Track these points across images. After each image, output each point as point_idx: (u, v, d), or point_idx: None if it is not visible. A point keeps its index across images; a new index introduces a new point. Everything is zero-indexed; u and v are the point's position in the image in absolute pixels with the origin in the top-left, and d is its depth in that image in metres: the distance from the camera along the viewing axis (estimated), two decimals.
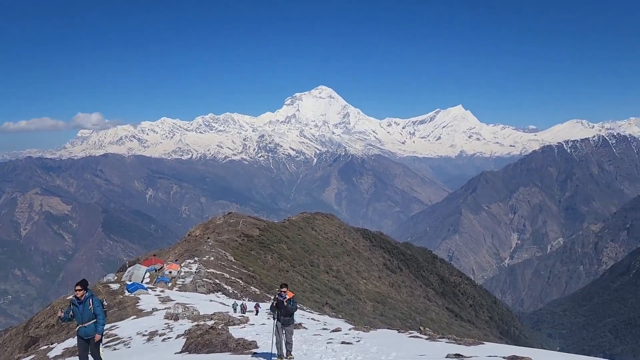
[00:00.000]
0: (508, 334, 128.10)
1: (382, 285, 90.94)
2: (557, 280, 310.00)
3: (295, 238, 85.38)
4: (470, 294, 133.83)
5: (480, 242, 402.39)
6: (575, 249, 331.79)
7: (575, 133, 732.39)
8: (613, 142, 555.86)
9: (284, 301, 12.67)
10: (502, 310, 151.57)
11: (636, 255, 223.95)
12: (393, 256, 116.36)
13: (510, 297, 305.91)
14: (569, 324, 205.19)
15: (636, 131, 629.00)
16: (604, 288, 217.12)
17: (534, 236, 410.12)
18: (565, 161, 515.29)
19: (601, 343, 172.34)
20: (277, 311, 12.72)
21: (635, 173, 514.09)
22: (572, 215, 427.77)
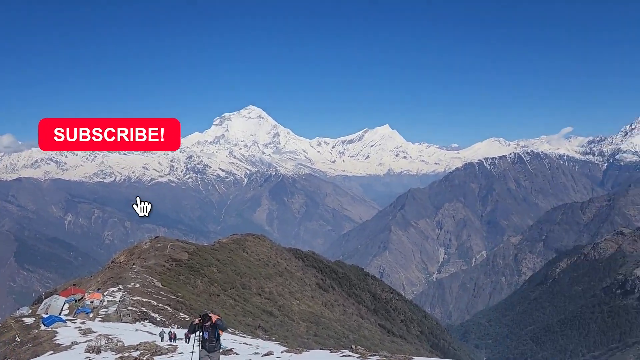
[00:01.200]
0: (438, 347, 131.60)
1: (315, 305, 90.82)
2: (481, 292, 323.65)
3: (226, 261, 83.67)
4: (401, 310, 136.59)
5: (410, 257, 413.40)
6: (497, 261, 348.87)
7: (494, 151, 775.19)
8: (527, 159, 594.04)
9: (208, 324, 12.08)
10: (432, 323, 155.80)
11: (551, 265, 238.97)
12: (325, 275, 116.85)
13: (439, 310, 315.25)
14: (494, 334, 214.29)
15: (547, 148, 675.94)
16: (524, 297, 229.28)
17: (460, 250, 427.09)
18: (486, 177, 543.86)
19: (524, 351, 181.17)
20: (201, 337, 12.15)
21: (548, 188, 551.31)
22: (493, 229, 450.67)
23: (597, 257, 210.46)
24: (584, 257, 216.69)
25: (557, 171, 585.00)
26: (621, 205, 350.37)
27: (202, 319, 12.19)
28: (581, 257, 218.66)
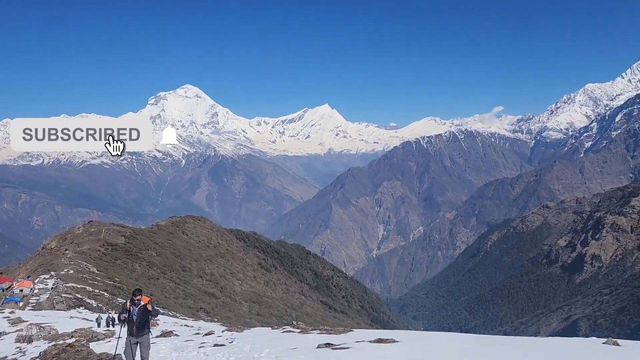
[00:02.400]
0: (378, 321, 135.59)
1: (257, 285, 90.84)
2: (419, 266, 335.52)
3: (165, 244, 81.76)
4: (342, 286, 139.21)
5: (350, 235, 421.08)
6: (433, 236, 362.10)
7: (431, 129, 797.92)
8: (462, 137, 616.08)
9: (138, 299, 11.25)
10: (372, 298, 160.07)
11: (484, 238, 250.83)
12: (267, 255, 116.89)
13: (379, 285, 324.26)
14: (430, 306, 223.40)
15: (480, 127, 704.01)
16: (459, 270, 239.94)
17: (398, 226, 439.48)
18: (423, 155, 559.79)
19: (458, 320, 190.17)
20: (127, 322, 11.21)
21: (481, 165, 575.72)
22: (430, 205, 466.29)
23: (525, 230, 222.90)
24: (513, 230, 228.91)
25: (489, 148, 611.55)
26: (547, 180, 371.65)
27: (133, 293, 11.36)
28: (510, 230, 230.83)
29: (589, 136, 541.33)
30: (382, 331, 15.09)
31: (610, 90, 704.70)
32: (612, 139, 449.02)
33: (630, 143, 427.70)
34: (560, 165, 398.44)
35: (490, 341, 14.59)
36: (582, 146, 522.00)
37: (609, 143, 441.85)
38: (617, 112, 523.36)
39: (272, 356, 11.78)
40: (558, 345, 14.23)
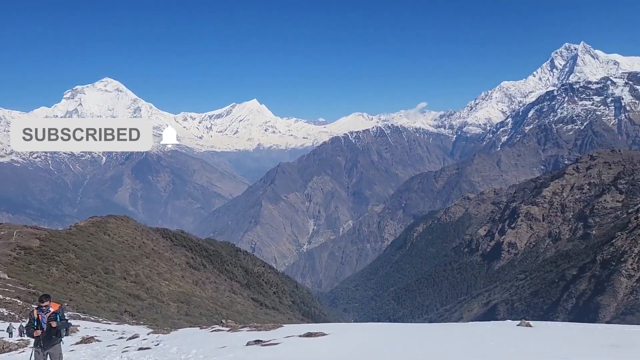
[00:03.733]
0: (309, 315, 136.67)
1: (185, 285, 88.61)
2: (349, 260, 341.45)
3: (85, 245, 77.69)
4: (273, 282, 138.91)
5: (281, 230, 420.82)
6: (362, 230, 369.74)
7: (358, 125, 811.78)
8: (388, 132, 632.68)
9: (45, 305, 10.26)
10: (303, 293, 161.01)
11: (410, 230, 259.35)
12: (196, 253, 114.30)
13: (310, 280, 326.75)
14: (360, 298, 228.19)
15: (405, 122, 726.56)
16: (387, 261, 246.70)
17: (328, 221, 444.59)
18: (351, 150, 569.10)
19: (387, 310, 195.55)
20: (34, 333, 10.22)
21: (407, 159, 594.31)
22: (358, 199, 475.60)
23: (448, 221, 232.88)
24: (437, 221, 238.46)
25: (414, 143, 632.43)
26: (467, 173, 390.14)
27: (40, 300, 10.31)
28: (435, 221, 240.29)
29: (505, 131, 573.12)
30: (312, 325, 15.20)
31: (523, 88, 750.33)
32: (525, 134, 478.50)
33: (541, 137, 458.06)
34: (480, 158, 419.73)
35: (414, 329, 15.06)
36: (499, 140, 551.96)
37: (523, 137, 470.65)
38: (529, 109, 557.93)
39: (200, 356, 11.51)
40: (477, 329, 14.99)
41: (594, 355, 9.13)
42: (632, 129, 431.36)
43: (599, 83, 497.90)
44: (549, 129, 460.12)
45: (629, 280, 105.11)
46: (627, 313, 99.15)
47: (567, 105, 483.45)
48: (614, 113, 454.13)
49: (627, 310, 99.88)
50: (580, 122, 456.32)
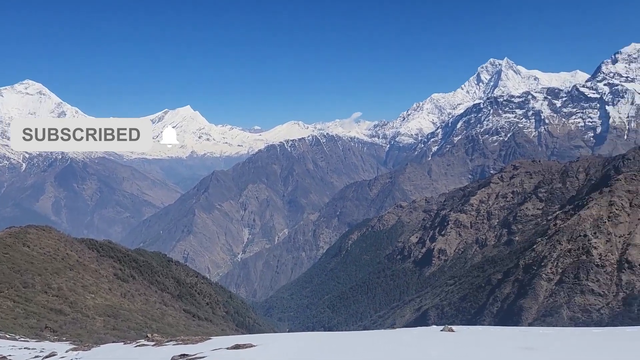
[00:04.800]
0: (244, 325, 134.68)
1: (113, 298, 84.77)
2: (284, 268, 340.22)
3: (0, 258, 72.62)
4: (206, 293, 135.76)
5: (215, 240, 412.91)
6: (298, 238, 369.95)
7: (294, 133, 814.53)
8: (324, 141, 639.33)
9: None
10: (237, 303, 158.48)
11: (345, 237, 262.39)
12: (124, 265, 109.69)
13: (244, 289, 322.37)
14: (295, 306, 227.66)
15: (340, 131, 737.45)
16: (322, 270, 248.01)
17: (263, 229, 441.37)
18: (287, 159, 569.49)
19: (322, 319, 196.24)
20: None
21: (342, 168, 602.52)
22: (294, 207, 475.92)
23: (381, 228, 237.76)
24: (371, 229, 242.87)
25: (349, 152, 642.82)
26: (400, 182, 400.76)
27: None
28: (369, 229, 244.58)
29: (435, 141, 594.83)
30: (241, 336, 14.93)
31: (452, 100, 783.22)
32: (454, 144, 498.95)
33: (469, 147, 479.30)
34: (412, 167, 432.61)
35: (344, 337, 15.17)
36: (430, 150, 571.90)
37: (452, 147, 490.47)
38: (458, 120, 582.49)
39: None
40: (404, 335, 15.33)
41: (509, 358, 9.56)
42: (550, 140, 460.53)
43: (520, 97, 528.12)
44: (476, 140, 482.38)
45: (548, 283, 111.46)
46: (547, 315, 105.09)
47: (492, 118, 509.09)
48: (535, 125, 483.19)
49: (547, 312, 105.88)
50: (504, 133, 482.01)
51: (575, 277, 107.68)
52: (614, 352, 11.23)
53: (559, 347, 10.72)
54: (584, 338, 13.69)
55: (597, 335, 14.94)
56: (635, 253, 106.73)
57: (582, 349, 11.20)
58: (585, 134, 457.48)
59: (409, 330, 18.16)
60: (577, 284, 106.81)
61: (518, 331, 14.90)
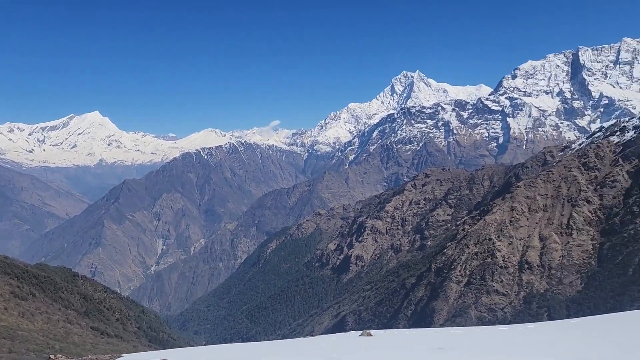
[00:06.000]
0: (157, 340, 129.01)
1: (9, 318, 77.82)
2: (200, 280, 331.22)
3: None
4: (116, 308, 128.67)
5: (126, 252, 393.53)
6: (215, 248, 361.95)
7: (211, 141, 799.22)
8: (242, 149, 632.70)
9: None
10: (150, 318, 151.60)
11: (263, 246, 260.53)
12: (23, 281, 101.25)
13: (158, 303, 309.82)
14: (212, 318, 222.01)
15: (259, 139, 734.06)
16: (240, 279, 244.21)
17: (178, 240, 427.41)
18: (203, 167, 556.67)
19: (240, 329, 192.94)
20: None
21: (260, 176, 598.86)
22: (211, 217, 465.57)
23: (300, 236, 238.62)
24: (290, 237, 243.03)
25: (267, 160, 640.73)
26: (318, 190, 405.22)
27: None
28: (288, 238, 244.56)
29: (352, 150, 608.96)
30: (154, 352, 14.05)
31: (368, 110, 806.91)
32: (370, 153, 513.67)
33: (384, 156, 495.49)
34: (329, 175, 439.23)
35: (260, 347, 14.72)
36: (347, 159, 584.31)
37: (368, 156, 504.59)
38: (373, 129, 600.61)
39: None
40: (322, 342, 15.16)
41: (423, 358, 9.69)
42: (458, 150, 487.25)
43: (431, 108, 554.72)
44: (391, 149, 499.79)
45: (458, 285, 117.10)
46: (457, 315, 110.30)
47: (406, 128, 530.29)
48: (444, 135, 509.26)
49: (457, 313, 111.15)
50: (417, 143, 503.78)
51: (482, 279, 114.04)
52: (517, 347, 11.80)
53: (467, 345, 11.10)
54: (489, 335, 14.28)
55: (502, 332, 15.66)
56: (533, 254, 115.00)
57: (488, 346, 11.67)
58: (489, 144, 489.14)
59: (327, 337, 18.07)
60: (483, 285, 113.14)
61: (431, 332, 15.29)
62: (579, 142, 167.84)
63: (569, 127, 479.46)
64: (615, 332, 14.48)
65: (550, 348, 11.21)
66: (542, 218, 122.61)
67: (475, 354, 9.98)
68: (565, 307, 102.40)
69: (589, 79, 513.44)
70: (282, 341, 18.25)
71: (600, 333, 14.59)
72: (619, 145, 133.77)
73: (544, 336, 13.68)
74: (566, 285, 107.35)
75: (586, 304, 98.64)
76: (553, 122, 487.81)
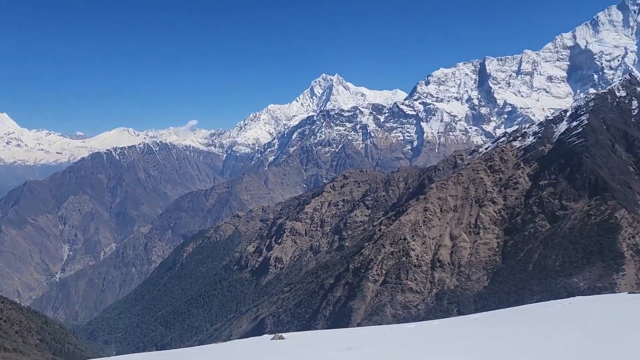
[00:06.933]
0: (62, 353, 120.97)
1: None
2: (111, 286, 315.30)
3: None
4: (15, 320, 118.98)
5: (27, 259, 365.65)
6: (127, 253, 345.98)
7: (123, 140, 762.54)
8: (157, 149, 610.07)
9: None
10: (54, 329, 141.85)
11: (179, 250, 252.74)
12: None
13: (64, 312, 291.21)
14: (124, 327, 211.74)
15: (175, 139, 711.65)
16: (155, 285, 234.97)
17: (87, 245, 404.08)
18: (115, 168, 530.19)
19: (154, 337, 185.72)
20: None
21: (176, 177, 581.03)
22: (123, 220, 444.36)
23: (218, 239, 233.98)
24: (208, 240, 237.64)
25: (184, 161, 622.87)
26: (237, 191, 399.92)
27: None
28: (205, 240, 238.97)
29: (272, 151, 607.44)
30: None
31: (288, 112, 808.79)
32: (290, 154, 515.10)
33: (303, 158, 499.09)
34: (249, 177, 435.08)
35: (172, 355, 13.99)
36: (267, 160, 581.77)
37: (288, 158, 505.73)
38: (293, 131, 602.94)
39: None
40: (235, 346, 14.64)
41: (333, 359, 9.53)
42: (376, 152, 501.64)
43: (350, 111, 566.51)
44: (310, 151, 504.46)
45: (374, 284, 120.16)
46: (373, 314, 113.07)
47: (325, 130, 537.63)
48: (362, 138, 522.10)
49: (374, 312, 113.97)
50: (336, 145, 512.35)
51: (397, 277, 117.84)
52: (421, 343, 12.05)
53: (375, 344, 11.18)
54: (397, 333, 14.49)
55: (409, 329, 15.96)
56: (445, 253, 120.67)
57: (395, 344, 11.83)
58: (404, 147, 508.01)
59: (239, 342, 17.58)
60: (398, 283, 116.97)
61: (343, 332, 15.28)
62: (486, 146, 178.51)
63: (477, 132, 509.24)
64: (512, 326, 15.27)
65: (453, 344, 11.63)
66: (453, 218, 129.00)
67: (381, 352, 10.04)
68: (473, 302, 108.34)
69: (494, 87, 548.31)
70: (196, 347, 17.54)
71: (498, 327, 15.35)
72: (521, 149, 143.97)
73: (448, 332, 14.15)
74: (474, 281, 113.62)
75: (492, 299, 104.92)
76: (463, 127, 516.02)
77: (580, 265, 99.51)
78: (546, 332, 13.19)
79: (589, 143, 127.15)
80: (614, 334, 12.77)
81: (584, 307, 18.79)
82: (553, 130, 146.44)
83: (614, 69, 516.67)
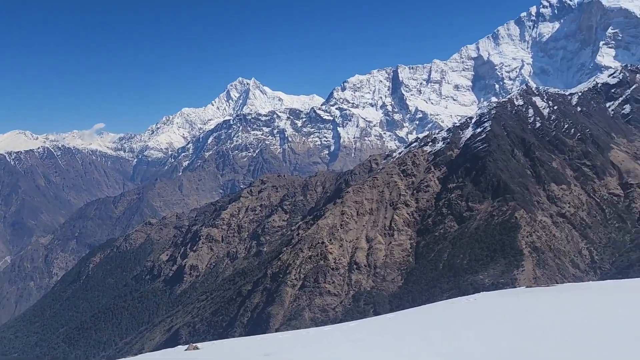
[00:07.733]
0: None
1: None
2: (6, 302, 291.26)
3: None
4: None
5: None
6: (24, 266, 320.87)
7: (20, 144, 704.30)
8: (58, 153, 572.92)
9: None
10: None
11: (85, 261, 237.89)
12: None
13: None
14: (21, 346, 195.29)
15: (79, 144, 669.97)
16: (56, 299, 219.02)
17: None
18: (10, 174, 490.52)
19: (55, 355, 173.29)
20: None
21: (81, 183, 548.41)
22: (19, 230, 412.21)
23: (128, 248, 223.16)
24: (117, 250, 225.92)
25: (90, 166, 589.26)
26: (149, 198, 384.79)
27: None
28: (114, 250, 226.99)
29: (187, 156, 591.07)
30: None
31: (203, 115, 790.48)
32: (205, 159, 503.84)
33: (220, 163, 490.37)
34: (162, 183, 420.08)
35: None
36: (181, 165, 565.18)
37: (203, 162, 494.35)
38: (209, 135, 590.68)
39: None
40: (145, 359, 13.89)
41: None
42: (293, 157, 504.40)
43: (267, 116, 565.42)
44: (227, 155, 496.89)
45: (293, 289, 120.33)
46: (292, 319, 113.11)
47: (242, 134, 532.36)
48: (280, 143, 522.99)
49: (292, 316, 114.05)
50: (253, 149, 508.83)
51: (315, 281, 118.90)
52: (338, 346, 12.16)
53: (292, 349, 11.14)
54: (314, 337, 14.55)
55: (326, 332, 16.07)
56: (361, 255, 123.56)
57: (311, 347, 11.84)
58: (321, 152, 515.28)
59: (151, 355, 16.73)
60: (316, 287, 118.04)
61: (260, 339, 15.08)
62: (399, 151, 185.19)
63: (391, 137, 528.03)
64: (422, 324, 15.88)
65: (368, 344, 11.88)
66: (369, 221, 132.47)
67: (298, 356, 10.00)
68: (389, 302, 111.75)
69: (406, 95, 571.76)
70: None
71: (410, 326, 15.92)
72: (431, 154, 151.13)
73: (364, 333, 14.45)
74: (389, 282, 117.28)
75: (406, 298, 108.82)
76: (377, 132, 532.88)
77: (485, 262, 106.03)
78: (453, 327, 13.83)
79: (491, 148, 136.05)
80: (514, 327, 13.67)
81: (486, 303, 20.09)
82: (460, 136, 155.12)
83: (513, 80, 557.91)
